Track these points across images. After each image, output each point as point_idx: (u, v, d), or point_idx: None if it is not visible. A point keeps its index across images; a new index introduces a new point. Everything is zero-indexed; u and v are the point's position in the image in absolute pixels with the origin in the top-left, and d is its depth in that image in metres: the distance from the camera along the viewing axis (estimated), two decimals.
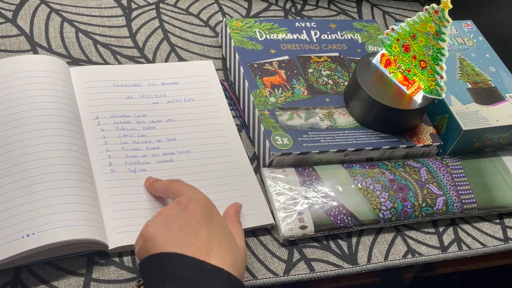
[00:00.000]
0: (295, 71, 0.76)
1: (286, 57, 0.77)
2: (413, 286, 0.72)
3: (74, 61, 0.75)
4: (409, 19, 0.69)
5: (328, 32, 0.82)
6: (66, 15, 0.80)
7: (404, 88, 0.72)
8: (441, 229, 0.70)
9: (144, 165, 0.65)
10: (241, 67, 0.74)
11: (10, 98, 0.63)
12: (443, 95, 0.68)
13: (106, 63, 0.76)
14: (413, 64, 0.70)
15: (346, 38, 0.82)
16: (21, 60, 0.67)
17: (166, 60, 0.79)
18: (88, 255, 0.59)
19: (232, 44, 0.77)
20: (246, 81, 0.73)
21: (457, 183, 0.71)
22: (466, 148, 0.75)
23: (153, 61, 0.78)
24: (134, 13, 0.83)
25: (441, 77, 0.67)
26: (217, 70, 0.78)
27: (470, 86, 0.77)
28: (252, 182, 0.67)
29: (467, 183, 0.72)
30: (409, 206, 0.68)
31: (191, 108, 0.72)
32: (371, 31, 0.84)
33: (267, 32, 0.79)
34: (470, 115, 0.73)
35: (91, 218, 0.57)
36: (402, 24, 0.70)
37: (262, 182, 0.68)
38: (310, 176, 0.68)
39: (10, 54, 0.74)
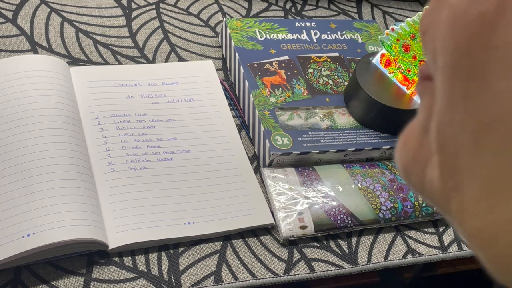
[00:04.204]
0: (295, 71, 0.76)
1: (286, 57, 0.77)
2: (413, 286, 0.72)
3: (74, 61, 0.75)
4: (409, 19, 0.69)
5: (328, 32, 0.82)
6: (66, 15, 0.80)
7: (404, 88, 0.72)
8: (441, 229, 0.70)
9: (145, 163, 0.65)
10: (241, 67, 0.74)
11: (10, 98, 0.63)
12: None
13: (106, 63, 0.76)
14: (413, 64, 0.70)
15: (346, 38, 0.82)
16: (21, 60, 0.67)
17: (166, 60, 0.79)
18: (88, 255, 0.59)
19: (232, 44, 0.77)
20: (246, 81, 0.73)
21: None
22: None
23: (153, 61, 0.78)
24: (134, 13, 0.83)
25: None
26: (217, 70, 0.78)
27: None
28: (252, 182, 0.67)
29: None
30: (409, 206, 0.68)
31: (191, 108, 0.72)
32: (371, 31, 0.84)
33: (267, 32, 0.79)
34: None
35: (91, 218, 0.57)
36: (402, 24, 0.70)
37: (262, 182, 0.68)
38: (310, 176, 0.68)
39: (10, 54, 0.74)
